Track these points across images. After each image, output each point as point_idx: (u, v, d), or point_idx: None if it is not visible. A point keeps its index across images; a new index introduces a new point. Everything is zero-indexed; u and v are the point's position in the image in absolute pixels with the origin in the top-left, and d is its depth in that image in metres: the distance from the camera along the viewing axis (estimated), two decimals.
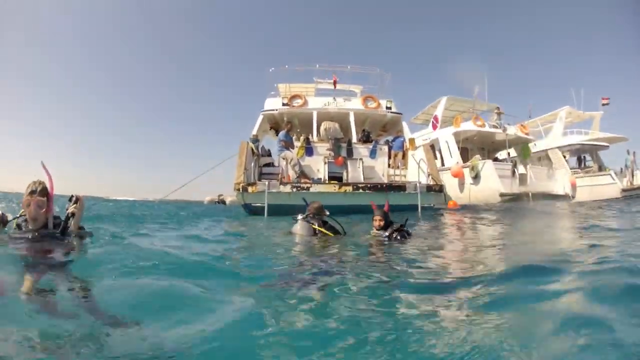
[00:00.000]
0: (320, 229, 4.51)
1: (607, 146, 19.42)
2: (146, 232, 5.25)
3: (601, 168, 18.60)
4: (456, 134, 15.14)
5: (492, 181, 13.28)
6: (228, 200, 14.19)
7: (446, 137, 15.43)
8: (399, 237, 4.28)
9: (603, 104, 20.43)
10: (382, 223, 4.48)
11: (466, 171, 14.11)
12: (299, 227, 4.57)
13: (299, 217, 4.71)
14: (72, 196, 2.86)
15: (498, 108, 15.79)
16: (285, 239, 4.64)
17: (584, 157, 20.51)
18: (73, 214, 2.82)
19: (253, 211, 9.40)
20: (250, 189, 9.44)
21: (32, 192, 2.70)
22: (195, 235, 5.14)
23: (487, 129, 15.08)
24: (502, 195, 12.89)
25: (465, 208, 8.91)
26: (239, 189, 9.64)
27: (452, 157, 15.12)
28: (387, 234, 4.32)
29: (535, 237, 5.52)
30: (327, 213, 4.83)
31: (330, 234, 4.51)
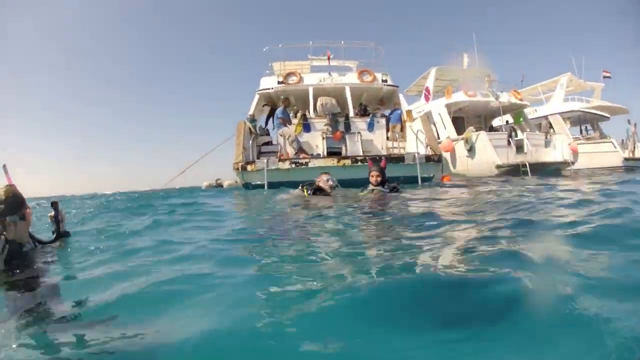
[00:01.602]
0: (304, 188, 4.77)
1: (608, 117, 19.33)
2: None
3: (602, 137, 18.53)
4: (448, 106, 15.03)
5: (487, 153, 13.16)
6: (226, 183, 14.27)
7: (439, 109, 15.31)
8: (395, 192, 4.46)
9: (604, 77, 20.21)
10: (379, 179, 4.62)
11: (459, 145, 14.03)
12: (295, 191, 5.01)
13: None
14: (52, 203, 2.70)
15: (489, 75, 15.62)
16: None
17: (586, 127, 20.39)
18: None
19: (253, 189, 9.49)
20: (249, 168, 9.51)
21: None
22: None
23: (478, 98, 14.93)
24: (498, 167, 12.83)
25: (455, 185, 8.89)
26: (238, 168, 9.72)
27: (445, 129, 15.06)
28: (387, 190, 4.47)
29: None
30: (330, 184, 4.96)
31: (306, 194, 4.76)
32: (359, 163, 9.25)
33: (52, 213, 2.67)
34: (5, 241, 2.04)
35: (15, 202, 2.14)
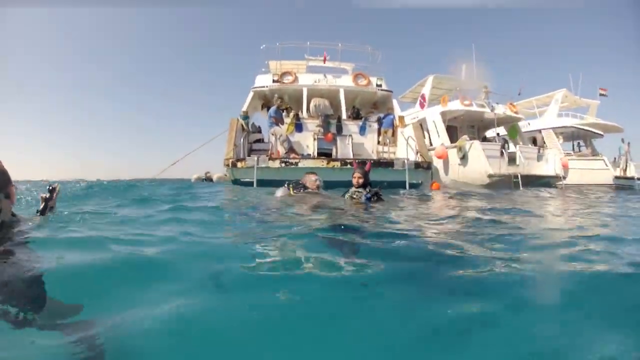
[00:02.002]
0: (291, 191, 4.80)
1: (602, 135, 19.41)
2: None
3: (594, 154, 18.61)
4: (443, 114, 15.05)
5: (480, 162, 13.20)
6: (215, 177, 14.19)
7: (433, 117, 15.33)
8: (375, 199, 4.46)
9: (600, 94, 20.28)
10: (360, 180, 4.70)
11: (452, 152, 14.06)
12: (279, 190, 4.96)
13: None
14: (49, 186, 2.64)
15: (486, 87, 15.68)
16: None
17: (578, 143, 20.46)
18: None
19: (242, 185, 9.48)
20: (239, 165, 9.50)
21: None
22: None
23: (474, 108, 14.96)
24: (490, 176, 12.87)
25: (447, 192, 8.93)
26: (228, 165, 9.71)
27: (439, 136, 15.08)
28: (368, 195, 4.48)
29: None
30: (312, 182, 4.97)
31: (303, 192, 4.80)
32: (348, 166, 9.26)
33: (46, 195, 2.57)
34: None
35: (3, 179, 1.99)
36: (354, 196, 4.62)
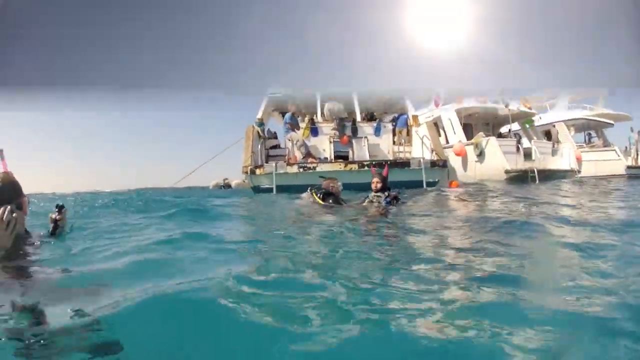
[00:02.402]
0: (315, 196, 5.09)
1: (612, 124, 19.27)
2: None
3: (606, 144, 18.51)
4: (459, 111, 15.08)
5: (497, 158, 13.25)
6: (234, 183, 14.32)
7: (449, 115, 15.36)
8: (395, 202, 4.76)
9: None
10: (379, 185, 4.96)
11: (469, 149, 14.09)
12: (304, 195, 5.36)
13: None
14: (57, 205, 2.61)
15: None
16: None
17: (589, 133, 20.35)
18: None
19: (262, 192, 9.66)
20: (258, 171, 9.68)
21: None
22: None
23: (489, 104, 15.00)
24: (507, 172, 12.90)
25: (466, 188, 9.00)
26: (247, 172, 9.90)
27: (455, 134, 15.11)
28: (388, 199, 4.69)
29: None
30: (336, 188, 5.22)
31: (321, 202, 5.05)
32: (366, 168, 9.36)
33: (55, 215, 2.52)
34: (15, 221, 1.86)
35: (14, 190, 2.00)
36: (374, 200, 4.84)
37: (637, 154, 17.12)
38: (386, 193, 4.84)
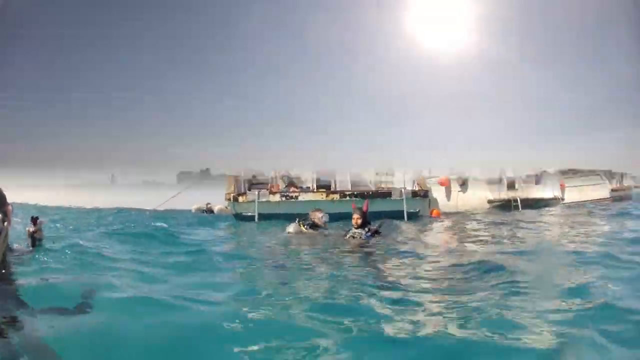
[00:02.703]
0: (302, 227, 5.45)
1: None
2: None
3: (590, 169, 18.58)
4: None
5: (480, 188, 13.35)
6: (216, 208, 14.16)
7: None
8: (376, 236, 4.97)
9: None
10: (359, 221, 5.09)
11: (453, 179, 14.18)
12: (291, 226, 5.66)
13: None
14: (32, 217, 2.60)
15: None
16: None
17: None
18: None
19: (244, 220, 9.66)
20: (241, 199, 9.73)
21: None
22: None
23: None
24: (490, 201, 12.99)
25: (448, 217, 9.13)
26: (229, 199, 9.94)
27: None
28: (369, 234, 4.83)
29: None
30: (321, 219, 5.45)
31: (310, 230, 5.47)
32: (347, 198, 9.46)
33: (31, 228, 2.50)
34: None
35: None
36: (355, 236, 4.95)
37: (621, 176, 17.25)
38: (367, 228, 4.99)
